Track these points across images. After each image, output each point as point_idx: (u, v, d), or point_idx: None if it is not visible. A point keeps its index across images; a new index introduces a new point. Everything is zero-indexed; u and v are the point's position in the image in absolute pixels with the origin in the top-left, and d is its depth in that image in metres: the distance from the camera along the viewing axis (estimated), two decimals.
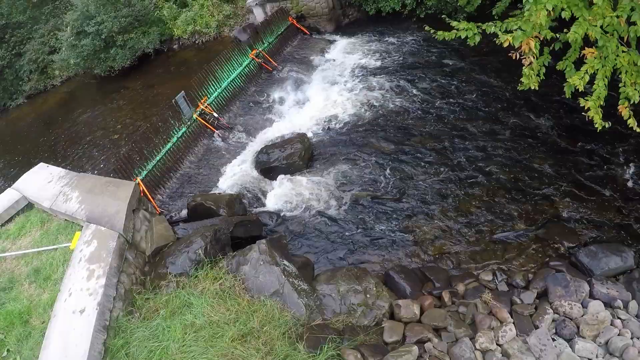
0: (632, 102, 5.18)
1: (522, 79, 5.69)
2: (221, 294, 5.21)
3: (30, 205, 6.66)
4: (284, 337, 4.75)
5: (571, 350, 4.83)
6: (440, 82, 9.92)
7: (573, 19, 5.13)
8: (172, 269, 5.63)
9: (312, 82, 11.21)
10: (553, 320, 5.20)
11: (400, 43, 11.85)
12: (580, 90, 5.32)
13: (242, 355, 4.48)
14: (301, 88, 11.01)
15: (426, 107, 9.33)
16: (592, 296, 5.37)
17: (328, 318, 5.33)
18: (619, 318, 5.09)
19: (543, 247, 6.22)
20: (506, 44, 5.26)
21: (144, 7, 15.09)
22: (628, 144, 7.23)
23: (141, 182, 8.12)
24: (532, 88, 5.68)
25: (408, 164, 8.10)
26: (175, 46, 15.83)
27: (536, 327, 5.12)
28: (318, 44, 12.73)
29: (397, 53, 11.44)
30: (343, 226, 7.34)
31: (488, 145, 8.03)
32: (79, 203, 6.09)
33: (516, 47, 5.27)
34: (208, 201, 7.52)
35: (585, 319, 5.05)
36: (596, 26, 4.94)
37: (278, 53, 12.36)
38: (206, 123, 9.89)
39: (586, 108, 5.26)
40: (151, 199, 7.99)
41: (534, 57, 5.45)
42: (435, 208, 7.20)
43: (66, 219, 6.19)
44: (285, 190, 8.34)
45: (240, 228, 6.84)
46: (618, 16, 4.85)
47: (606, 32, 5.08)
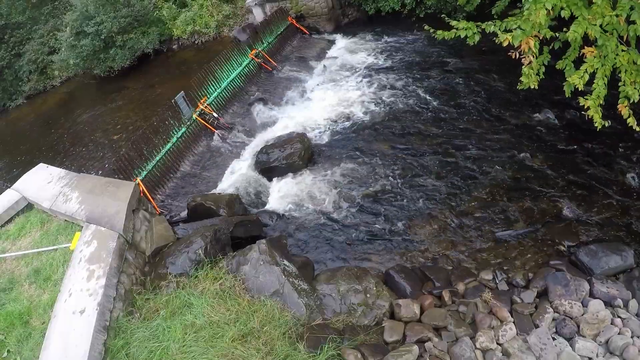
0: (632, 101, 5.18)
1: (522, 78, 5.70)
2: (221, 294, 5.20)
3: (30, 205, 6.65)
4: (284, 337, 4.75)
5: (571, 349, 4.82)
6: (439, 82, 9.93)
7: (572, 18, 5.13)
8: (172, 269, 5.63)
9: (312, 82, 11.22)
10: (553, 319, 5.20)
11: (399, 43, 11.86)
12: (579, 89, 5.32)
13: (243, 355, 4.47)
14: (301, 88, 11.01)
15: (426, 107, 9.33)
16: (592, 295, 5.37)
17: (328, 318, 5.33)
18: (619, 317, 5.09)
19: (543, 246, 6.22)
20: (506, 43, 5.26)
21: (144, 7, 15.10)
22: (628, 143, 7.24)
23: (141, 183, 8.12)
24: (532, 87, 5.69)
25: (407, 163, 8.10)
26: (174, 46, 15.84)
27: (536, 326, 5.12)
28: (317, 44, 12.73)
29: (397, 53, 11.45)
30: (343, 226, 7.34)
31: (488, 144, 8.03)
32: (79, 203, 6.09)
33: (516, 46, 5.28)
34: (208, 201, 7.52)
35: (585, 318, 5.05)
36: (595, 25, 4.94)
37: (277, 53, 12.36)
38: (206, 123, 9.89)
39: (586, 107, 5.27)
40: (151, 199, 7.99)
41: (534, 56, 5.46)
42: (435, 207, 7.20)
43: (66, 220, 6.19)
44: (285, 190, 8.34)
45: (240, 228, 6.84)
46: (617, 15, 4.86)
47: (606, 31, 5.08)
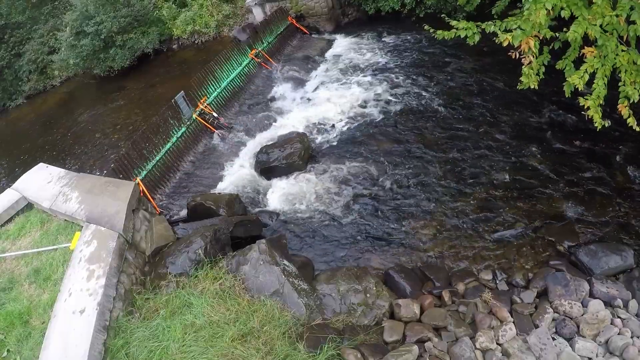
0: (632, 101, 5.18)
1: (522, 78, 5.70)
2: (221, 294, 5.20)
3: (30, 205, 6.65)
4: (284, 337, 4.74)
5: (571, 349, 4.82)
6: (439, 82, 9.93)
7: (572, 18, 5.14)
8: (172, 269, 5.62)
9: (312, 82, 11.22)
10: (553, 319, 5.20)
11: (399, 42, 11.86)
12: (579, 89, 5.32)
13: (242, 355, 4.47)
14: (300, 88, 11.01)
15: (425, 107, 9.33)
16: (592, 295, 5.37)
17: (328, 318, 5.33)
18: (619, 317, 5.09)
19: (543, 246, 6.22)
20: (506, 43, 5.26)
21: (143, 7, 15.10)
22: (627, 143, 7.23)
23: (141, 182, 8.11)
24: (532, 87, 5.69)
25: (407, 163, 8.10)
26: (174, 46, 15.83)
27: (536, 326, 5.12)
28: (317, 44, 12.73)
29: (397, 52, 11.45)
30: (343, 226, 7.34)
31: (487, 144, 8.03)
32: (79, 203, 6.08)
33: (516, 46, 5.28)
34: (208, 201, 7.52)
35: (585, 318, 5.05)
36: (595, 25, 4.94)
37: (277, 53, 12.36)
38: (206, 123, 9.89)
39: (586, 107, 5.27)
40: (151, 199, 7.99)
41: (534, 56, 5.46)
42: (435, 207, 7.20)
43: (66, 219, 6.19)
44: (285, 190, 8.34)
45: (240, 228, 6.84)
46: (617, 15, 4.86)
47: (606, 31, 5.09)
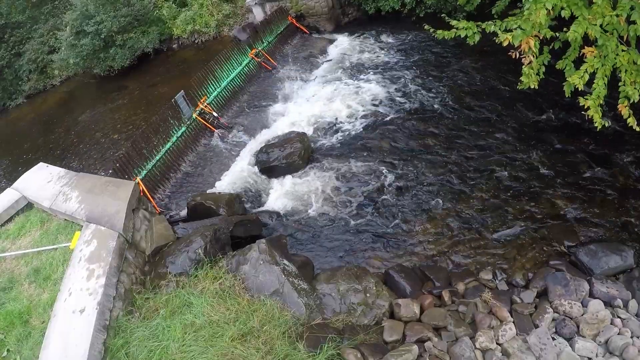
0: (632, 101, 5.18)
1: (522, 78, 5.70)
2: (221, 294, 5.21)
3: (30, 205, 6.65)
4: (284, 337, 4.75)
5: (571, 349, 4.83)
6: (439, 82, 9.92)
7: (573, 18, 5.14)
8: (172, 269, 5.63)
9: (312, 81, 11.21)
10: (553, 319, 5.20)
11: (399, 42, 11.85)
12: (580, 89, 5.32)
13: (242, 354, 4.48)
14: (301, 87, 11.00)
15: (426, 107, 9.33)
16: (592, 295, 5.37)
17: (328, 317, 5.33)
18: (619, 317, 5.09)
19: (543, 246, 6.22)
20: (506, 43, 5.26)
21: (144, 7, 15.08)
22: (627, 143, 7.23)
23: (141, 182, 8.11)
24: (532, 87, 5.69)
25: (408, 163, 8.10)
26: (174, 46, 15.82)
27: (536, 326, 5.12)
28: (317, 43, 12.72)
29: (397, 52, 11.44)
30: (343, 225, 7.34)
31: (487, 144, 8.03)
32: (79, 203, 6.09)
33: (516, 46, 5.28)
34: (208, 201, 7.52)
35: (585, 318, 5.05)
36: (596, 25, 4.95)
37: (277, 52, 12.35)
38: (206, 122, 9.89)
39: (586, 107, 5.27)
40: (151, 199, 7.99)
41: (534, 56, 5.46)
42: (435, 207, 7.19)
43: (66, 219, 6.19)
44: (285, 189, 8.34)
45: (240, 227, 6.84)
46: (618, 15, 4.86)
47: (606, 31, 5.09)
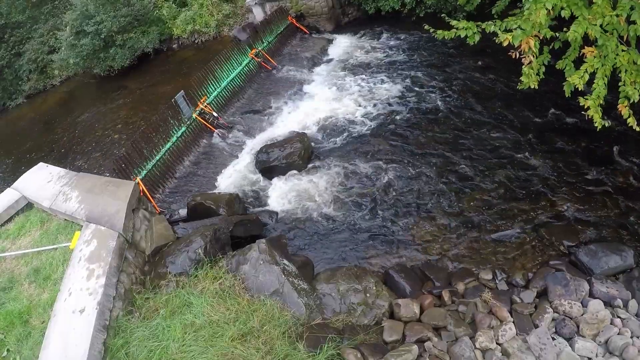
0: (632, 101, 5.18)
1: (522, 78, 5.70)
2: (221, 294, 5.21)
3: (29, 205, 6.65)
4: (284, 337, 4.75)
5: (571, 349, 4.83)
6: (439, 82, 9.92)
7: (573, 18, 5.14)
8: (172, 269, 5.63)
9: (312, 81, 11.21)
10: (553, 319, 5.20)
11: (399, 42, 11.85)
12: (580, 89, 5.32)
13: (242, 354, 4.48)
14: (301, 87, 11.00)
15: (426, 107, 9.32)
16: (592, 295, 5.37)
17: (328, 317, 5.33)
18: (619, 317, 5.09)
19: (543, 246, 6.22)
20: (506, 43, 5.26)
21: (144, 7, 15.09)
22: (627, 143, 7.23)
23: (141, 182, 8.11)
24: (532, 87, 5.69)
25: (408, 163, 8.10)
26: (174, 46, 15.83)
27: (536, 326, 5.12)
28: (317, 43, 12.72)
29: (397, 52, 11.44)
30: (343, 225, 7.34)
31: (487, 144, 8.03)
32: (79, 203, 6.09)
33: (516, 46, 5.28)
34: (208, 200, 7.52)
35: (585, 318, 5.05)
36: (596, 25, 4.94)
37: (277, 52, 12.35)
38: (206, 122, 9.89)
39: (586, 107, 5.27)
40: (151, 199, 7.99)
41: (534, 56, 5.46)
42: (435, 207, 7.19)
43: (66, 219, 6.19)
44: (285, 189, 8.34)
45: (240, 227, 6.84)
46: (618, 15, 4.86)
47: (606, 31, 5.09)
